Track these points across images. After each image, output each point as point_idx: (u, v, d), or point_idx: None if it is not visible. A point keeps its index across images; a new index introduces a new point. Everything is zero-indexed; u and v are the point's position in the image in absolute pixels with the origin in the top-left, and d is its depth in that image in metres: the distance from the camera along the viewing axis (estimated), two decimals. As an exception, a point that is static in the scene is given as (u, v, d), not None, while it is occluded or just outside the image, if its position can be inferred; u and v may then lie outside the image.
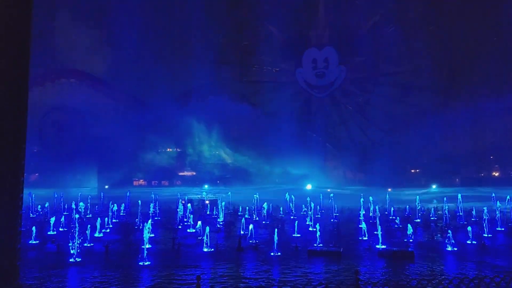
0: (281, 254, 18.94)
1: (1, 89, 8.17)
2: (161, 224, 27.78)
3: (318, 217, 31.59)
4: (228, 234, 24.48)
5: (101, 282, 14.51)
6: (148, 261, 17.06)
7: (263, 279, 14.94)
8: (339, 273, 15.77)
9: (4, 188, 8.11)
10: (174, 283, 13.77)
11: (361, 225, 25.49)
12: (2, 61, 8.18)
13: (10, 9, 8.27)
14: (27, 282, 13.41)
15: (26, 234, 20.17)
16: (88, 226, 21.69)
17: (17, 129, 8.20)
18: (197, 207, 37.70)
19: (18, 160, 8.19)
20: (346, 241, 22.67)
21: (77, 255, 17.56)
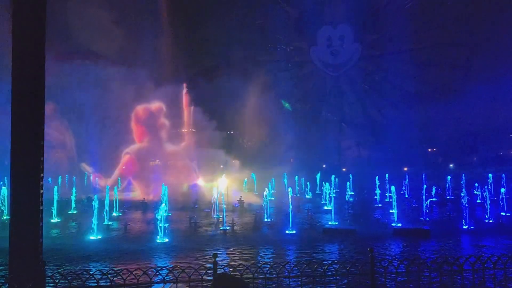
0: (296, 232, 19.12)
1: (18, 85, 8.24)
2: (178, 203, 28.18)
3: (333, 197, 31.68)
4: (245, 213, 24.76)
5: (119, 256, 14.91)
6: (165, 238, 17.45)
7: (277, 256, 15.11)
8: (354, 251, 15.86)
9: (25, 168, 8.28)
10: (190, 262, 14.04)
11: (377, 204, 25.49)
12: (17, 56, 8.24)
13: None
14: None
15: (48, 212, 20.81)
16: (108, 205, 22.22)
17: (35, 124, 8.31)
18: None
19: (38, 138, 8.34)
20: (362, 219, 22.71)
21: (97, 233, 18.04)
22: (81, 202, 27.79)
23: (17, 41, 8.23)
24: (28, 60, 8.27)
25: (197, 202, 26.74)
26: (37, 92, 8.31)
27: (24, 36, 8.24)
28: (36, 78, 8.30)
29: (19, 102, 8.25)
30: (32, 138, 8.27)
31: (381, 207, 27.84)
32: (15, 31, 8.22)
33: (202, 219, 22.34)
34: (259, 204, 25.27)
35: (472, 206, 25.45)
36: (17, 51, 8.23)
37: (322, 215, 24.18)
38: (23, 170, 8.23)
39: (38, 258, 8.11)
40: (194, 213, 23.37)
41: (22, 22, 8.25)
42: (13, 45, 8.24)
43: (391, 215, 22.95)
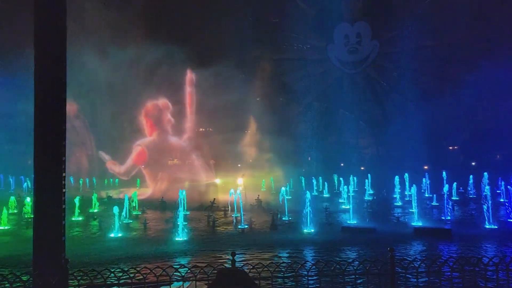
0: (314, 230, 19.03)
1: (40, 87, 8.41)
2: (196, 201, 28.38)
3: (352, 195, 31.43)
4: (263, 211, 24.77)
5: (140, 254, 15.11)
6: (184, 237, 17.61)
7: (295, 255, 15.07)
8: (374, 250, 15.68)
9: (48, 168, 8.44)
10: (209, 260, 14.12)
11: (397, 203, 25.15)
12: (39, 58, 8.40)
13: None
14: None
15: (70, 211, 21.23)
16: (126, 203, 22.55)
17: (57, 124, 8.47)
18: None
19: (60, 139, 8.50)
20: (381, 218, 22.45)
21: (118, 231, 18.32)
22: (102, 201, 28.30)
23: (38, 43, 8.40)
24: (49, 61, 8.44)
25: (214, 201, 26.88)
26: (58, 93, 8.47)
27: (46, 37, 8.40)
28: (57, 80, 8.45)
29: (41, 103, 8.43)
30: (53, 138, 8.44)
31: (401, 206, 27.48)
32: (37, 32, 8.39)
33: (220, 217, 22.45)
34: (276, 203, 25.25)
35: (495, 205, 24.87)
36: (39, 53, 8.41)
37: (340, 214, 24.01)
38: (46, 169, 8.41)
39: (61, 256, 8.27)
40: (212, 212, 23.49)
41: (44, 23, 8.42)
42: (35, 47, 8.41)
43: (411, 214, 22.63)
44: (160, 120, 35.13)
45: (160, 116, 35.08)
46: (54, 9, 8.38)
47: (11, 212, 23.36)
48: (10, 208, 23.95)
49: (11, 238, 18.24)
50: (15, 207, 24.59)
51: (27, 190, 33.47)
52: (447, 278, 8.18)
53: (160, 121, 35.09)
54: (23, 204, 23.76)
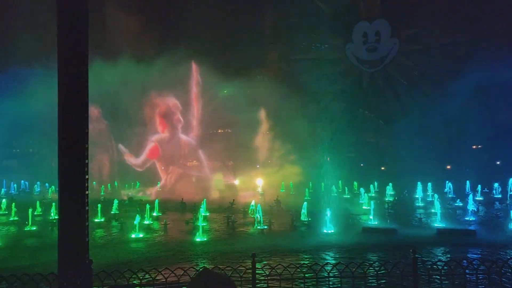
0: (334, 231, 18.88)
1: (63, 93, 8.60)
2: (216, 202, 28.53)
3: (373, 196, 31.10)
4: (282, 212, 24.72)
5: (161, 255, 15.28)
6: (204, 238, 17.73)
7: (315, 256, 14.98)
8: (395, 251, 15.45)
9: (71, 171, 8.62)
10: (229, 261, 14.16)
11: (419, 204, 24.73)
12: (63, 63, 8.57)
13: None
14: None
15: (93, 213, 21.65)
16: (147, 206, 22.85)
17: (80, 128, 8.64)
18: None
19: (82, 142, 8.67)
20: (403, 219, 22.12)
21: (139, 232, 18.58)
22: (123, 203, 28.75)
23: (62, 49, 8.59)
24: (72, 66, 8.62)
25: (234, 202, 26.96)
26: (81, 97, 8.65)
27: (68, 42, 8.58)
28: (80, 85, 8.63)
29: (64, 107, 8.62)
30: (76, 141, 8.62)
31: (423, 207, 27.02)
32: (60, 38, 8.58)
33: (240, 218, 22.50)
34: (296, 204, 25.16)
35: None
36: (62, 59, 8.59)
37: (361, 215, 23.75)
38: (69, 172, 8.60)
39: (85, 257, 8.44)
40: (232, 212, 23.57)
41: (66, 28, 8.60)
42: (58, 52, 8.60)
43: (434, 215, 22.21)
44: (171, 119, 38.40)
45: (171, 115, 38.38)
46: (76, 14, 8.56)
47: (36, 214, 23.96)
48: (36, 210, 24.57)
49: (37, 239, 18.70)
50: (40, 210, 25.22)
51: (51, 193, 34.31)
52: (472, 281, 8.00)
53: (171, 120, 38.39)
54: (48, 206, 24.37)
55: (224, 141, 50.77)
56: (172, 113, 38.35)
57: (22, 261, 14.79)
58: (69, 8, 8.52)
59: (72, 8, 8.51)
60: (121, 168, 42.61)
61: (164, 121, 38.22)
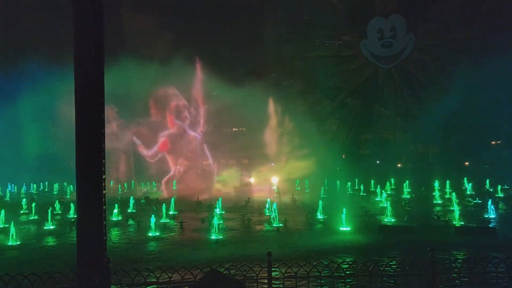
0: (350, 229, 18.75)
1: (79, 92, 8.72)
2: (231, 201, 28.62)
3: (389, 194, 30.78)
4: (298, 210, 24.67)
5: (177, 253, 15.41)
6: (219, 236, 17.81)
7: (330, 254, 14.90)
8: (413, 249, 15.27)
9: (89, 171, 8.75)
10: (245, 259, 14.20)
11: (436, 201, 24.37)
12: (78, 59, 8.68)
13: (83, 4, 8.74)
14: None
15: (110, 211, 21.97)
16: (164, 205, 23.07)
17: (96, 129, 8.76)
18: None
19: (99, 143, 8.79)
20: (420, 217, 21.83)
21: (155, 230, 18.77)
22: (139, 202, 29.10)
23: (78, 49, 8.71)
24: (88, 67, 8.74)
25: (249, 200, 27.01)
26: (97, 99, 8.77)
27: (85, 45, 8.71)
28: (96, 86, 8.75)
29: (81, 109, 8.75)
30: (93, 142, 8.75)
31: (441, 204, 26.61)
32: (76, 39, 8.71)
33: (255, 216, 22.52)
34: (311, 202, 25.07)
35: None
36: (78, 60, 8.72)
37: (377, 213, 23.52)
38: (87, 172, 8.74)
39: (103, 255, 8.57)
40: (247, 211, 23.61)
41: (82, 30, 8.73)
42: (74, 53, 8.73)
43: (452, 212, 21.86)
44: (179, 117, 41.49)
45: (180, 113, 41.49)
46: (92, 16, 8.67)
47: (55, 213, 24.42)
48: (55, 209, 25.06)
49: (56, 238, 19.06)
50: (59, 209, 25.71)
51: (70, 193, 34.94)
52: (492, 279, 7.85)
53: (179, 117, 41.44)
54: (67, 205, 24.82)
55: (238, 139, 50.93)
56: (180, 111, 41.57)
57: (42, 260, 15.11)
58: (85, 9, 8.64)
59: (88, 9, 8.63)
60: (137, 168, 43.32)
61: (173, 118, 41.24)
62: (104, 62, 8.78)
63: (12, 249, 16.61)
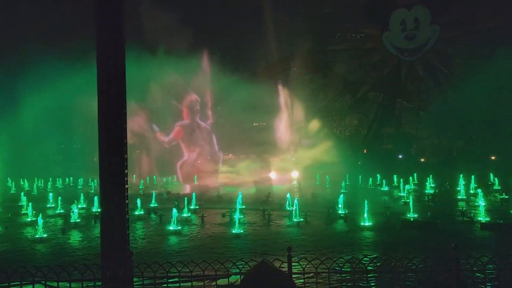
0: (372, 224, 18.53)
1: (102, 89, 8.86)
2: (252, 195, 28.67)
3: (412, 189, 30.27)
4: (319, 205, 24.55)
5: (197, 247, 15.58)
6: (240, 230, 17.90)
7: (351, 250, 14.79)
8: (436, 246, 14.99)
9: (111, 166, 8.91)
10: (265, 254, 14.25)
11: (461, 196, 23.83)
12: (100, 55, 8.81)
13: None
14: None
15: (133, 206, 22.35)
16: (185, 199, 23.32)
17: (119, 125, 8.88)
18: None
19: (121, 138, 8.93)
20: (444, 213, 21.41)
21: (176, 224, 19.00)
22: (161, 196, 29.52)
23: (100, 47, 8.85)
24: (110, 63, 8.87)
25: (269, 195, 27.02)
26: (119, 94, 8.90)
27: (106, 42, 8.83)
28: (118, 82, 8.87)
29: (104, 105, 8.90)
30: (116, 137, 8.89)
31: (466, 199, 26.02)
32: (98, 38, 8.85)
33: (276, 211, 22.53)
34: (332, 197, 24.90)
35: None
36: (100, 56, 8.86)
37: (400, 208, 23.18)
38: (110, 166, 8.89)
39: (126, 248, 8.74)
40: (268, 205, 23.64)
41: (104, 28, 8.85)
42: (97, 50, 8.87)
43: (478, 208, 21.35)
44: (192, 110, 45.01)
45: (191, 106, 45.03)
46: (113, 14, 8.79)
47: (80, 207, 25.02)
48: (80, 203, 25.69)
49: (81, 231, 19.54)
50: (84, 203, 26.35)
51: (94, 187, 35.72)
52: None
53: (191, 110, 45.01)
54: (91, 199, 25.40)
55: (259, 134, 50.99)
56: (193, 105, 45.33)
57: (68, 252, 15.54)
58: (106, 5, 8.76)
59: (109, 6, 8.74)
60: (159, 163, 44.02)
61: (187, 111, 45.03)
62: (124, 56, 8.90)
63: (39, 242, 17.12)
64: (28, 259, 14.41)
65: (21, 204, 26.65)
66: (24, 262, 13.75)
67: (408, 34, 55.30)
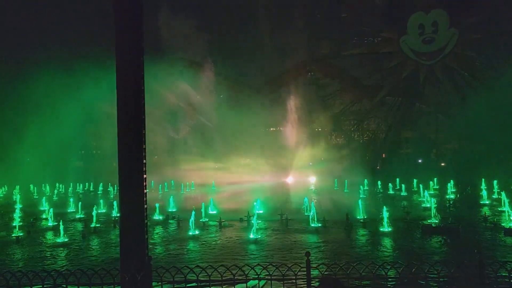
0: (391, 229, 18.25)
1: (121, 98, 8.97)
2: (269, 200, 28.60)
3: (432, 193, 29.73)
4: (336, 210, 24.31)
5: (215, 252, 15.59)
6: (258, 235, 17.85)
7: (371, 255, 14.57)
8: (458, 251, 14.67)
9: (131, 172, 8.99)
10: (283, 259, 14.16)
11: (483, 201, 23.26)
12: (120, 61, 8.94)
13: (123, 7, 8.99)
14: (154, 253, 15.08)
15: (151, 211, 22.54)
16: (203, 204, 23.40)
17: (137, 130, 8.97)
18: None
19: (140, 144, 9.03)
20: (466, 218, 20.93)
21: (195, 229, 19.08)
22: (179, 201, 29.69)
23: (119, 52, 8.97)
24: (129, 70, 8.99)
25: (287, 200, 26.93)
26: (137, 101, 9.00)
27: (125, 47, 8.96)
28: (137, 89, 8.98)
29: (123, 111, 9.01)
30: (135, 142, 8.98)
31: (489, 204, 25.40)
32: (117, 43, 8.98)
33: (293, 216, 22.40)
34: (350, 202, 24.64)
35: None
36: (120, 63, 8.98)
37: (420, 213, 22.79)
38: (129, 172, 8.98)
39: (145, 253, 8.79)
40: (285, 210, 23.53)
41: (123, 33, 8.98)
42: (116, 55, 8.99)
43: (501, 213, 20.81)
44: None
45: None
46: (132, 21, 8.91)
47: (100, 212, 25.38)
48: (99, 208, 26.06)
49: (100, 235, 19.80)
50: (103, 207, 26.73)
51: (113, 193, 36.22)
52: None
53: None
54: (111, 204, 25.74)
55: (276, 139, 51.00)
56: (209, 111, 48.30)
57: (87, 256, 15.75)
58: (125, 11, 8.89)
59: (128, 12, 8.86)
60: (177, 168, 44.46)
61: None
62: (143, 63, 9.00)
63: (60, 246, 17.41)
64: (49, 263, 14.67)
65: (42, 209, 27.22)
66: (45, 266, 14.01)
67: (426, 37, 54.59)
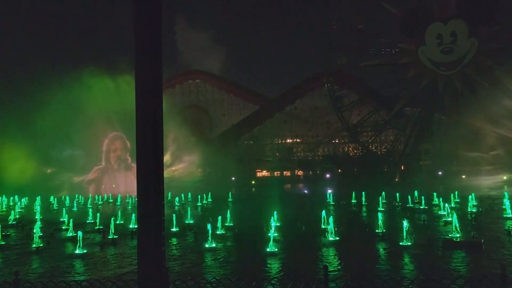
0: (411, 244, 17.87)
1: (140, 96, 9.11)
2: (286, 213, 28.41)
3: (453, 207, 29.07)
4: (354, 223, 24.02)
5: (232, 263, 15.53)
6: (274, 248, 17.70)
7: (391, 268, 14.28)
8: (481, 266, 14.25)
9: (148, 184, 9.08)
10: (300, 272, 14.00)
11: (507, 215, 22.61)
12: (139, 70, 9.09)
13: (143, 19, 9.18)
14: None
15: (169, 223, 22.63)
16: (219, 217, 23.37)
17: (156, 144, 9.07)
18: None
19: (158, 157, 9.13)
20: (488, 232, 20.37)
21: (212, 241, 19.05)
22: (196, 213, 29.82)
23: (139, 67, 9.13)
24: (148, 83, 9.13)
25: (305, 212, 26.71)
26: (156, 114, 9.12)
27: (144, 58, 9.11)
28: (156, 107, 9.10)
29: (141, 125, 9.13)
30: (153, 155, 9.08)
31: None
32: (137, 53, 9.14)
33: (311, 229, 22.17)
34: (369, 215, 24.31)
35: None
36: (139, 73, 9.12)
37: (440, 227, 22.29)
38: (147, 184, 9.07)
39: (162, 264, 8.81)
40: (303, 223, 23.32)
41: (142, 43, 9.14)
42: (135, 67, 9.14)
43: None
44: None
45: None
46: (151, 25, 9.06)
47: (118, 223, 25.63)
48: (118, 219, 26.31)
49: (118, 247, 19.96)
50: (121, 219, 26.99)
51: (131, 204, 36.57)
52: None
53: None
54: (129, 216, 25.99)
55: (293, 150, 50.88)
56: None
57: (105, 267, 15.88)
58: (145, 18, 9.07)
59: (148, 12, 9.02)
60: (194, 181, 44.81)
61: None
62: (162, 76, 9.12)
63: (79, 257, 17.60)
64: (68, 274, 14.83)
65: (62, 220, 27.63)
66: (64, 276, 14.17)
67: (445, 48, 54.07)
